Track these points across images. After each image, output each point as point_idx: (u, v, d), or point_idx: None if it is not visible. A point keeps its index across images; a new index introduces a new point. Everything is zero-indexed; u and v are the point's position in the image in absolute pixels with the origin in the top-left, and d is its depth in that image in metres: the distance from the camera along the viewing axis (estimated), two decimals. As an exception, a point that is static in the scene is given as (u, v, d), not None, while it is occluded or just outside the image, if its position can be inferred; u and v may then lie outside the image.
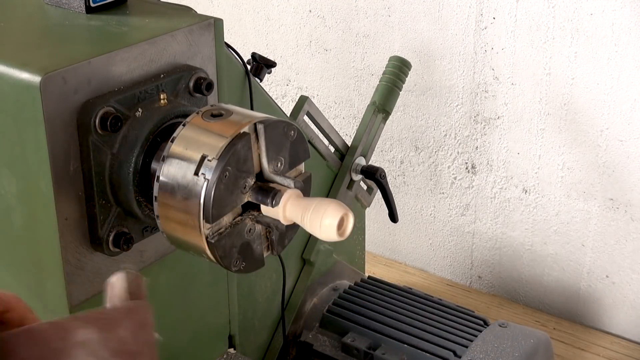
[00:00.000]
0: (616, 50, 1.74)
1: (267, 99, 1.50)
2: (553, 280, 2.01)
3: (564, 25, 1.79)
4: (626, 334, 1.94)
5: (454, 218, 2.12)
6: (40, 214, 1.05)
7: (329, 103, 2.22)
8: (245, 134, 0.95)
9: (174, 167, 0.97)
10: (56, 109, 1.00)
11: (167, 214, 0.99)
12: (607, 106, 1.79)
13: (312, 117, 1.65)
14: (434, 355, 1.49)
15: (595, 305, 1.97)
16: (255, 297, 1.54)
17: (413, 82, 2.03)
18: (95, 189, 1.04)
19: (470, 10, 1.90)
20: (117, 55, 1.05)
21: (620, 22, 1.71)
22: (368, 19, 2.07)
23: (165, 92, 1.09)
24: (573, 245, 1.96)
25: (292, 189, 0.96)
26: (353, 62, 2.14)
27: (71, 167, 1.03)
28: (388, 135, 2.14)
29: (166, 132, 1.06)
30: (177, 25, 1.14)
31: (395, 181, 2.17)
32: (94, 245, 1.07)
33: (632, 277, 1.90)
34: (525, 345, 1.49)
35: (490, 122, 1.97)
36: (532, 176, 1.96)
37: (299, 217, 0.93)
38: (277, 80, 2.29)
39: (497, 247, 2.08)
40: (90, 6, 1.18)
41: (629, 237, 1.87)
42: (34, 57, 1.04)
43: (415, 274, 2.22)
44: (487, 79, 1.93)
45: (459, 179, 2.08)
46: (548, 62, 1.84)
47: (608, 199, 1.87)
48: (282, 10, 2.21)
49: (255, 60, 1.52)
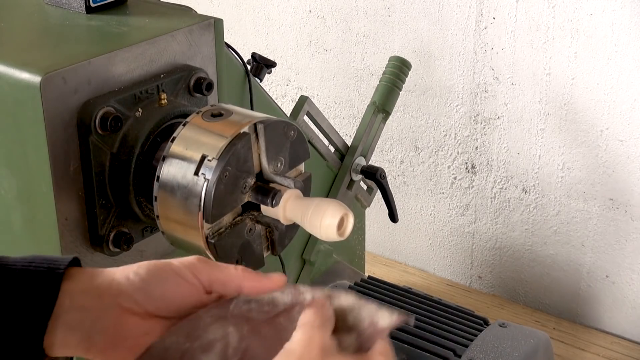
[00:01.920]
0: (616, 50, 1.74)
1: (267, 99, 1.50)
2: (553, 280, 2.01)
3: (564, 25, 1.79)
4: (626, 334, 1.94)
5: (454, 218, 2.12)
6: (40, 214, 1.05)
7: (329, 103, 2.22)
8: (245, 134, 0.95)
9: (174, 167, 0.97)
10: (56, 109, 1.00)
11: (167, 214, 0.99)
12: (607, 106, 1.79)
13: (312, 117, 1.65)
14: (434, 354, 1.49)
15: (595, 305, 1.97)
16: (255, 297, 1.54)
17: (413, 82, 2.03)
18: (95, 189, 1.04)
19: (470, 10, 1.90)
20: (117, 55, 1.06)
21: (620, 22, 1.71)
22: (368, 19, 2.07)
23: (165, 92, 1.09)
24: (573, 245, 1.96)
25: (292, 189, 0.96)
26: (353, 62, 2.14)
27: (71, 167, 1.03)
28: (388, 135, 2.14)
29: (166, 132, 1.06)
30: (177, 25, 1.14)
31: (395, 181, 2.17)
32: (94, 245, 1.07)
33: (632, 277, 1.90)
34: (525, 345, 1.49)
35: (490, 122, 1.97)
36: (532, 176, 1.96)
37: (299, 217, 0.93)
38: (277, 80, 2.29)
39: (497, 247, 2.08)
40: (90, 6, 1.18)
41: (629, 237, 1.87)
42: (34, 57, 1.04)
43: (415, 274, 2.22)
44: (487, 79, 1.93)
45: (459, 179, 2.08)
46: (548, 62, 1.84)
47: (608, 199, 1.87)
48: (282, 10, 2.21)
49: (255, 60, 1.52)
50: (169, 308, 0.68)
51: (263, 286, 0.69)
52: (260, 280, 0.70)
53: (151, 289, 0.67)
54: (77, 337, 0.67)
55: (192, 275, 0.68)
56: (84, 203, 1.05)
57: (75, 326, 0.66)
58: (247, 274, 0.70)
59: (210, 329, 0.68)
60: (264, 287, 0.69)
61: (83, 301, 0.67)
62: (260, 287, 0.69)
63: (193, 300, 0.68)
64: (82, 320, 0.67)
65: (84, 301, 0.67)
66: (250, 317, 0.69)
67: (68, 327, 0.66)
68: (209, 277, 0.69)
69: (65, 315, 0.66)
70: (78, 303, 0.67)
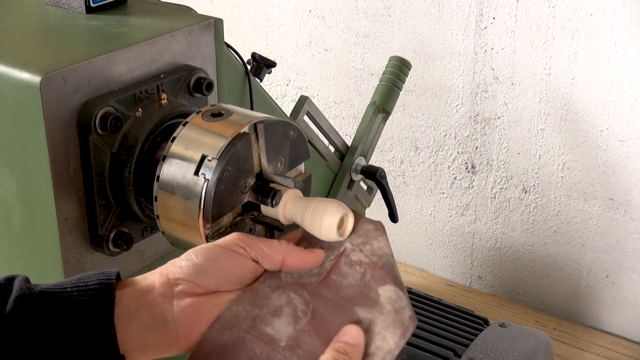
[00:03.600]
0: (616, 50, 1.74)
1: (267, 99, 1.50)
2: (553, 280, 2.01)
3: (564, 25, 1.79)
4: (626, 334, 1.94)
5: (454, 218, 2.12)
6: (40, 214, 1.05)
7: (329, 103, 2.22)
8: (245, 134, 0.95)
9: (174, 167, 0.97)
10: (56, 109, 1.00)
11: (167, 214, 0.99)
12: (607, 106, 1.79)
13: (312, 117, 1.65)
14: (434, 354, 1.49)
15: (595, 305, 1.97)
16: (255, 297, 1.54)
17: (413, 82, 2.03)
18: (95, 189, 1.04)
19: (470, 10, 1.90)
20: (117, 55, 1.05)
21: (620, 22, 1.71)
22: (368, 19, 2.07)
23: (165, 92, 1.09)
24: (573, 245, 1.96)
25: (292, 189, 0.95)
26: (353, 62, 2.14)
27: (71, 167, 1.03)
28: (388, 135, 2.14)
29: (166, 132, 1.06)
30: (177, 25, 1.14)
31: (395, 181, 2.17)
32: (94, 245, 1.07)
33: (632, 277, 1.90)
34: (525, 345, 1.49)
35: (490, 122, 1.97)
36: (532, 176, 1.96)
37: (299, 217, 0.93)
38: (277, 80, 2.29)
39: (497, 247, 2.08)
40: (90, 6, 1.18)
41: (629, 237, 1.87)
42: (34, 57, 1.04)
43: (415, 274, 2.22)
44: (487, 79, 1.93)
45: (459, 179, 2.08)
46: (548, 62, 1.84)
47: (608, 199, 1.87)
48: (282, 10, 2.21)
49: (255, 60, 1.52)
50: (230, 281, 0.72)
51: (305, 261, 0.74)
52: (303, 254, 0.75)
53: (208, 269, 0.72)
54: (155, 333, 0.69)
55: (241, 249, 0.73)
56: (84, 203, 1.05)
57: (149, 324, 0.69)
58: (291, 248, 0.75)
59: (273, 296, 0.73)
60: (305, 262, 0.74)
61: (148, 299, 0.70)
62: (302, 262, 0.74)
63: (249, 270, 0.73)
64: (154, 316, 0.69)
65: (148, 299, 0.70)
66: (304, 283, 0.74)
67: (142, 326, 0.69)
68: (255, 250, 0.74)
69: (137, 316, 0.69)
70: (144, 302, 0.70)
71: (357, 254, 0.77)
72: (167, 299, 0.70)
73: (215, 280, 0.72)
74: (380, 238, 0.77)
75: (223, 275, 0.72)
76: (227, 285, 0.72)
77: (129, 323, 0.69)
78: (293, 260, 0.74)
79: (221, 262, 0.72)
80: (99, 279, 0.70)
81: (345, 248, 0.76)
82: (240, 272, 0.73)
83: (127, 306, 0.69)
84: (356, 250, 0.76)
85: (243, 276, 0.73)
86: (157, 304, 0.70)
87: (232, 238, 0.75)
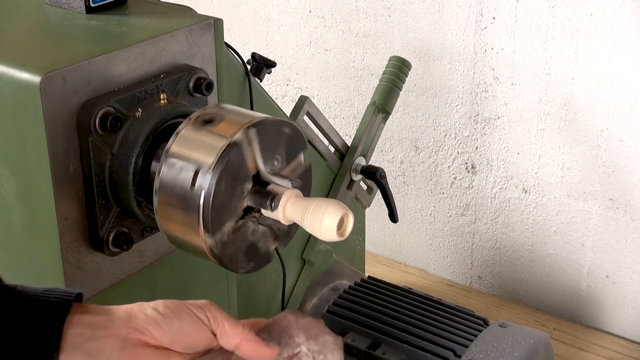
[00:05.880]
0: (616, 50, 1.74)
1: (267, 99, 1.50)
2: (553, 280, 2.01)
3: (564, 25, 1.79)
4: (626, 334, 1.94)
5: (454, 218, 2.12)
6: (40, 214, 1.05)
7: (329, 103, 2.22)
8: (237, 142, 0.95)
9: (170, 182, 0.96)
10: (56, 109, 1.00)
11: (170, 226, 0.99)
12: (607, 106, 1.79)
13: (312, 117, 1.65)
14: (434, 354, 1.49)
15: (595, 305, 1.97)
16: (255, 297, 1.54)
17: (413, 82, 2.03)
18: (95, 189, 1.04)
19: (470, 10, 1.90)
20: (117, 55, 1.05)
21: (620, 22, 1.71)
22: (368, 19, 2.07)
23: (165, 92, 1.09)
24: (573, 245, 1.96)
25: (290, 190, 0.95)
26: (353, 62, 2.14)
27: (71, 167, 1.03)
28: (388, 135, 2.14)
29: (166, 132, 1.06)
30: (177, 25, 1.14)
31: (395, 181, 2.17)
32: (94, 245, 1.07)
33: (632, 277, 1.90)
34: (525, 345, 1.49)
35: (490, 122, 1.97)
36: (532, 176, 1.96)
37: (299, 218, 0.93)
38: (277, 80, 2.29)
39: (497, 247, 2.08)
40: (90, 6, 1.18)
41: (629, 237, 1.87)
42: (34, 57, 1.04)
43: (415, 274, 2.22)
44: (487, 79, 1.93)
45: (459, 179, 2.08)
46: (548, 62, 1.84)
47: (608, 199, 1.87)
48: (282, 11, 2.21)
49: (255, 60, 1.52)
50: (183, 343, 0.75)
51: (258, 352, 0.76)
52: (258, 346, 0.76)
53: (168, 324, 0.74)
54: None
55: (205, 317, 0.76)
56: (84, 203, 1.05)
57: (95, 354, 0.72)
58: (250, 337, 0.76)
59: None
60: (258, 354, 0.76)
61: (101, 334, 0.73)
62: (255, 352, 0.76)
63: (204, 340, 0.76)
64: (101, 349, 0.72)
65: (102, 334, 0.73)
66: None
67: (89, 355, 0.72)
68: (218, 324, 0.76)
69: (85, 345, 0.72)
70: (98, 335, 0.73)
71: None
72: (119, 339, 0.73)
73: (170, 337, 0.74)
74: (335, 353, 0.79)
75: (179, 336, 0.74)
76: (179, 345, 0.74)
77: (77, 348, 0.72)
78: (247, 349, 0.76)
79: (183, 323, 0.75)
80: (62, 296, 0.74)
81: (300, 350, 0.78)
82: (196, 339, 0.75)
83: (79, 332, 0.72)
84: (309, 357, 0.78)
85: (196, 344, 0.75)
86: (110, 338, 0.73)
87: (202, 304, 0.77)
